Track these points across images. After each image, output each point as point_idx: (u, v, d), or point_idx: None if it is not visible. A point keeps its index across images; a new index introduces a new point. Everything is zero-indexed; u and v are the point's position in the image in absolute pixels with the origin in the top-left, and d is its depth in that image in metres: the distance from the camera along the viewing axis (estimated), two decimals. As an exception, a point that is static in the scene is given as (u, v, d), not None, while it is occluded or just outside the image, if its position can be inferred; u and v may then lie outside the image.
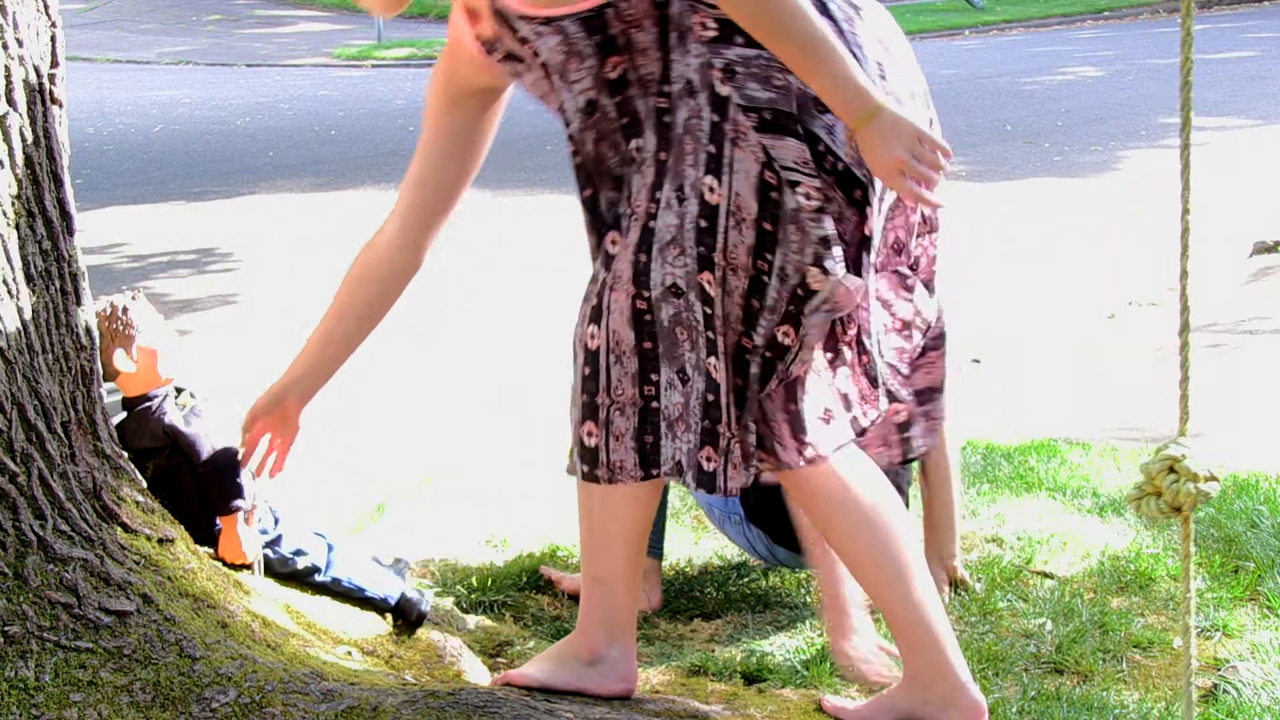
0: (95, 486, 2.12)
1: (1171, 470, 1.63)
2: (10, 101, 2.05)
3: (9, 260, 2.03)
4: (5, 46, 2.04)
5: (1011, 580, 3.03)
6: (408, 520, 3.60)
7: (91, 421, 2.18)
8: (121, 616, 2.01)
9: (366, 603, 2.58)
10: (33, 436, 2.03)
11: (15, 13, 2.05)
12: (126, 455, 2.28)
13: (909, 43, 2.24)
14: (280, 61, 20.44)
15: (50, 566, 1.98)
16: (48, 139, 2.12)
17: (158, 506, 2.25)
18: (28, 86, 2.08)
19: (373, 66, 19.55)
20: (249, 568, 2.41)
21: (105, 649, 1.97)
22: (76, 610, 1.97)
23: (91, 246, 7.59)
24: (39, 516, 2.00)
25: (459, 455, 4.32)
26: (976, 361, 5.55)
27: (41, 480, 2.02)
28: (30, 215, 2.08)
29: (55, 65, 2.15)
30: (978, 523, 3.40)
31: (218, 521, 2.38)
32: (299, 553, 2.50)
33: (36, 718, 1.87)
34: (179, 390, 2.44)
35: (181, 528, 2.27)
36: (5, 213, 2.03)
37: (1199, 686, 2.47)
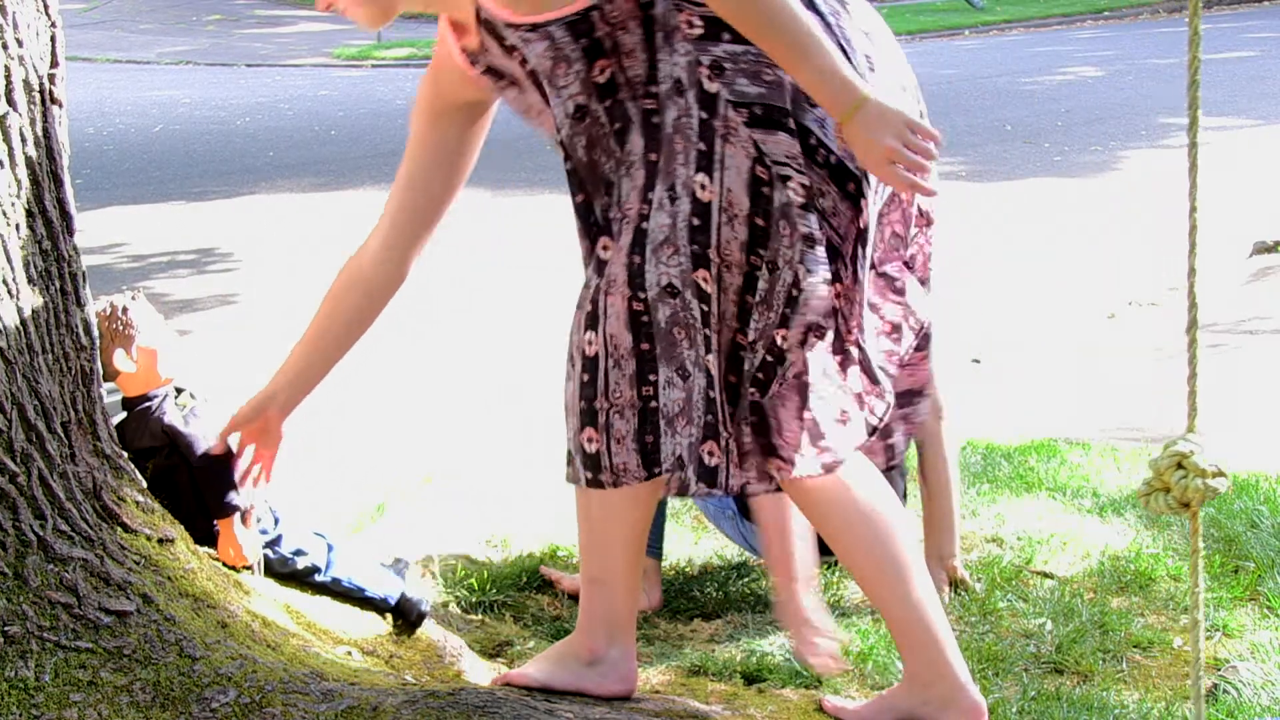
0: (95, 486, 2.12)
1: (1180, 466, 1.63)
2: (10, 101, 2.05)
3: (9, 260, 2.03)
4: (5, 46, 2.04)
5: (1011, 580, 3.03)
6: (408, 520, 3.59)
7: (91, 421, 2.18)
8: (121, 616, 2.01)
9: (366, 603, 2.58)
10: (33, 436, 2.03)
11: (15, 13, 2.05)
12: (126, 455, 2.28)
13: (895, 39, 2.24)
14: (280, 61, 20.45)
15: (50, 566, 1.98)
16: (48, 139, 2.12)
17: (158, 506, 2.25)
18: (28, 86, 2.08)
19: (373, 66, 19.57)
20: (249, 568, 2.41)
21: (105, 649, 1.97)
22: (76, 610, 1.97)
23: (91, 246, 7.59)
24: (39, 516, 2.00)
25: (459, 455, 4.32)
26: (976, 361, 5.55)
27: (41, 480, 2.02)
28: (30, 215, 2.08)
29: (55, 65, 2.15)
30: (978, 523, 3.41)
31: (216, 523, 2.38)
32: (299, 553, 2.50)
33: (36, 718, 1.87)
34: (179, 390, 2.44)
35: (181, 527, 2.27)
36: (5, 213, 2.03)
37: (1198, 687, 2.47)
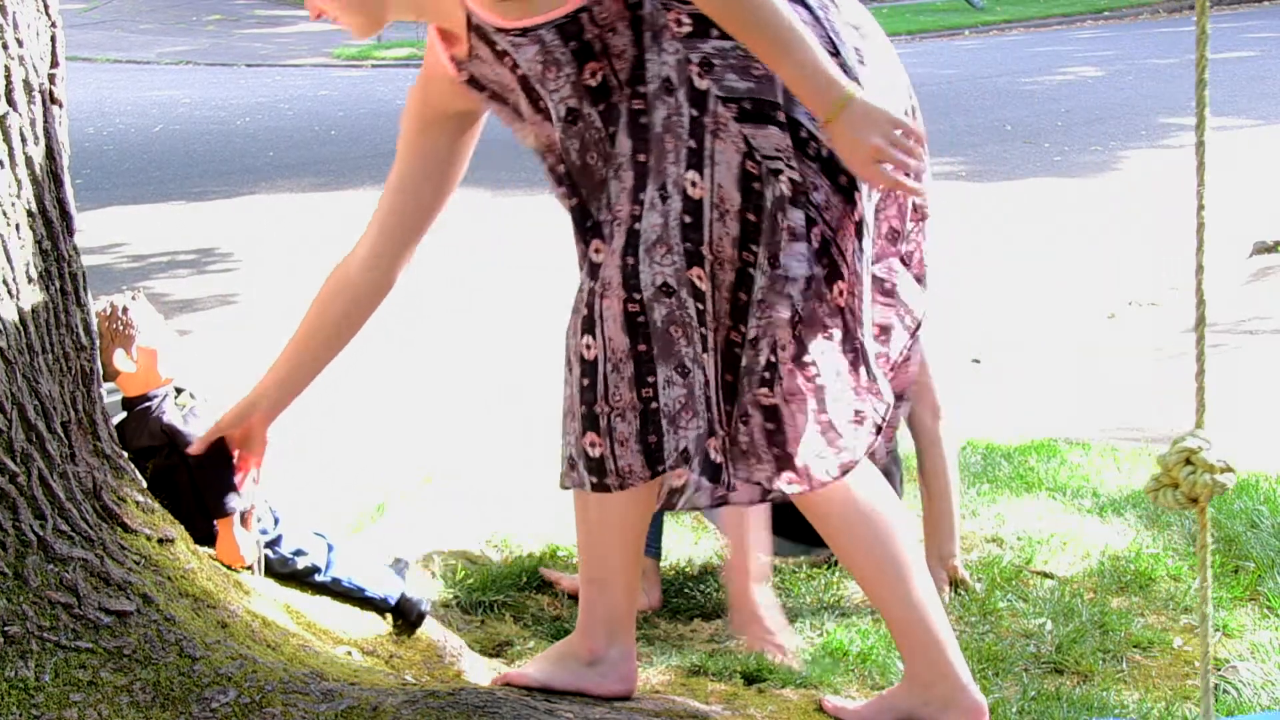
0: (95, 486, 2.12)
1: (1188, 462, 1.64)
2: (10, 101, 2.04)
3: (9, 260, 2.03)
4: (5, 46, 2.04)
5: (1011, 580, 3.03)
6: (408, 520, 3.59)
7: (91, 421, 2.18)
8: (121, 616, 2.01)
9: (366, 603, 2.58)
10: (33, 436, 2.03)
11: (15, 13, 2.05)
12: (126, 455, 2.28)
13: (888, 37, 2.23)
14: (280, 61, 20.44)
15: (50, 566, 1.98)
16: (48, 139, 2.12)
17: (158, 506, 2.25)
18: (28, 86, 2.08)
19: (373, 66, 19.57)
20: (249, 569, 2.40)
21: (105, 649, 1.97)
22: (76, 610, 1.97)
23: (91, 246, 7.59)
24: (39, 516, 2.00)
25: (459, 455, 4.32)
26: (976, 361, 5.55)
27: (41, 480, 2.02)
28: (30, 215, 2.08)
29: (55, 65, 2.15)
30: (978, 523, 3.40)
31: (215, 523, 2.38)
32: (299, 553, 2.50)
33: (36, 718, 1.87)
34: (179, 390, 2.44)
35: (181, 527, 2.27)
36: (5, 213, 2.02)
37: (1197, 687, 2.47)
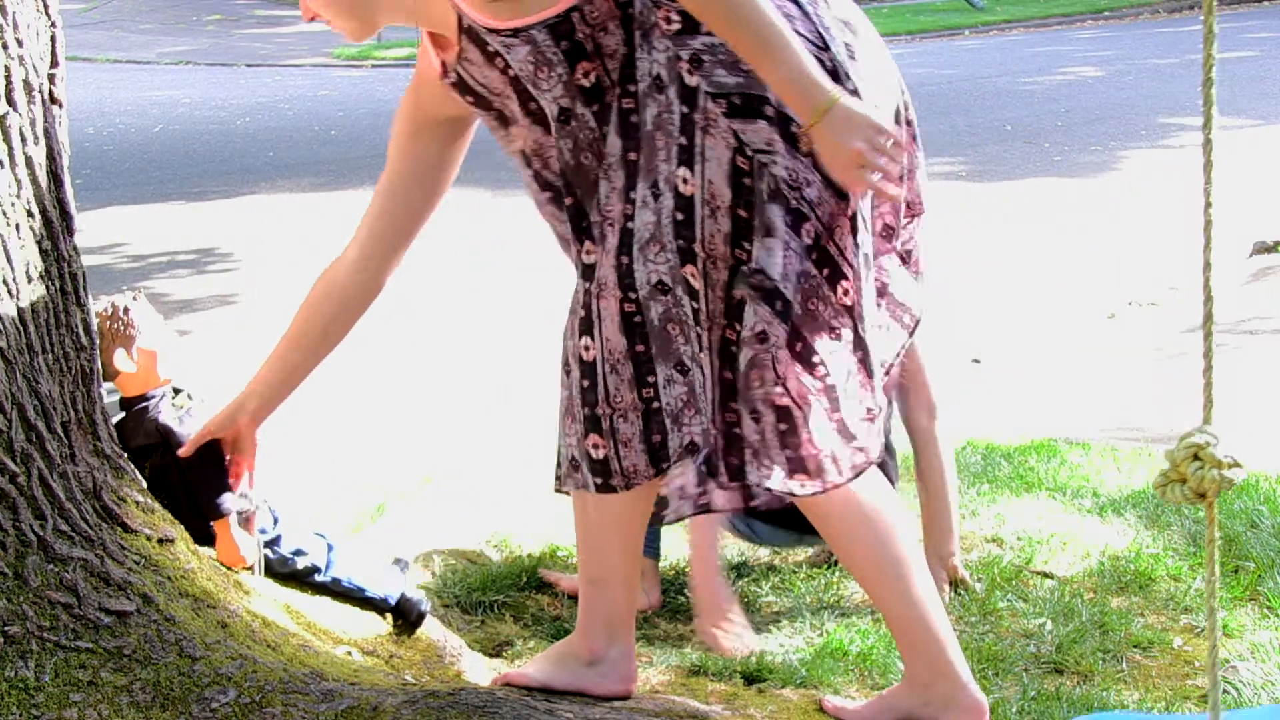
0: (95, 486, 2.12)
1: (1196, 457, 1.64)
2: (10, 101, 2.05)
3: (9, 260, 2.03)
4: (5, 46, 2.04)
5: (1011, 580, 3.03)
6: (408, 520, 3.59)
7: (91, 421, 2.18)
8: (121, 616, 2.01)
9: (366, 603, 2.58)
10: (33, 436, 2.03)
11: (15, 13, 2.05)
12: (126, 455, 2.28)
13: (880, 36, 2.23)
14: (280, 61, 20.43)
15: (50, 566, 1.98)
16: (48, 139, 2.12)
17: (158, 506, 2.25)
18: (28, 86, 2.08)
19: (373, 66, 19.55)
20: (249, 569, 2.40)
21: (105, 649, 1.97)
22: (76, 610, 1.97)
23: (91, 246, 7.59)
24: (39, 516, 2.00)
25: (459, 455, 4.31)
26: (976, 361, 5.55)
27: (41, 480, 2.02)
28: (30, 215, 2.08)
29: (55, 65, 2.15)
30: (978, 523, 3.40)
31: (212, 524, 2.37)
32: (299, 553, 2.50)
33: (36, 718, 1.87)
34: (176, 391, 2.44)
35: (181, 527, 2.27)
36: (5, 213, 2.02)
37: (1197, 686, 2.47)
